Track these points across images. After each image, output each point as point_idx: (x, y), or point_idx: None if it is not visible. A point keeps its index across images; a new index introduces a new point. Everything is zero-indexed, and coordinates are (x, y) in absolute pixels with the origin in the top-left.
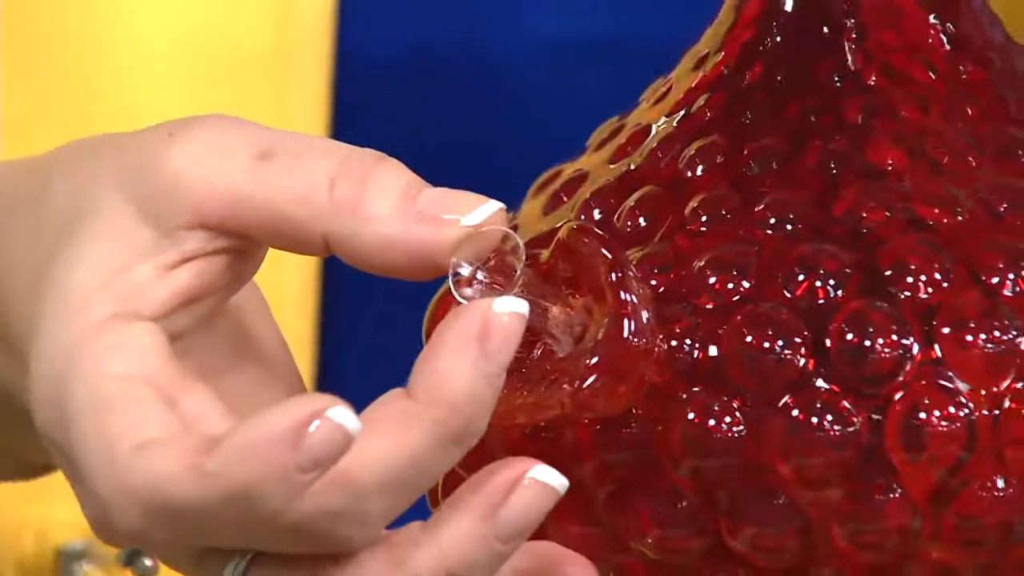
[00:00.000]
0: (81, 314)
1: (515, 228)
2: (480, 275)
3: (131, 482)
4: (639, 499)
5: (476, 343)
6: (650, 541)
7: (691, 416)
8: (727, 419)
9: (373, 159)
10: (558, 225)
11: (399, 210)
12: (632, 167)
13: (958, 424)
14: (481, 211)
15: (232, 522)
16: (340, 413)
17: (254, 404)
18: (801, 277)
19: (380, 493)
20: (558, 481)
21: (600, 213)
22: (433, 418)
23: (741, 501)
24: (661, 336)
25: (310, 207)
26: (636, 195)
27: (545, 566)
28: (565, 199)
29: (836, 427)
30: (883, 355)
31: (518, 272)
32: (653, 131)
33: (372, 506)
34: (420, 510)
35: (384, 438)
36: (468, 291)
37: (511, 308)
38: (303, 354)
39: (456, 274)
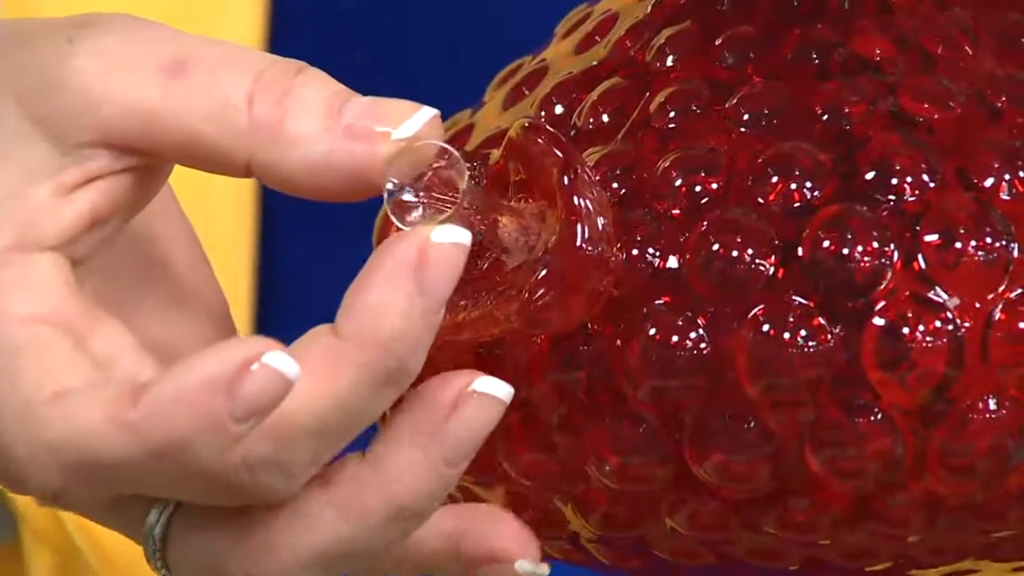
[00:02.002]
0: None
1: (471, 128)
2: (417, 194)
3: (49, 437)
4: (596, 423)
5: (412, 275)
6: (609, 469)
7: (652, 332)
8: (691, 335)
9: (292, 71)
10: (511, 124)
11: (324, 128)
12: (598, 59)
13: (944, 339)
14: (415, 120)
15: (158, 476)
16: (278, 358)
17: (170, 340)
18: (775, 179)
19: (306, 441)
20: (503, 391)
21: (562, 108)
22: (362, 360)
23: (706, 425)
24: (619, 244)
25: (227, 129)
26: (599, 88)
27: (473, 528)
28: (527, 93)
29: (810, 343)
30: (862, 264)
31: (461, 191)
32: (621, 18)
33: (297, 455)
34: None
35: (309, 382)
36: (406, 214)
37: (452, 238)
38: (240, 270)
39: (390, 193)
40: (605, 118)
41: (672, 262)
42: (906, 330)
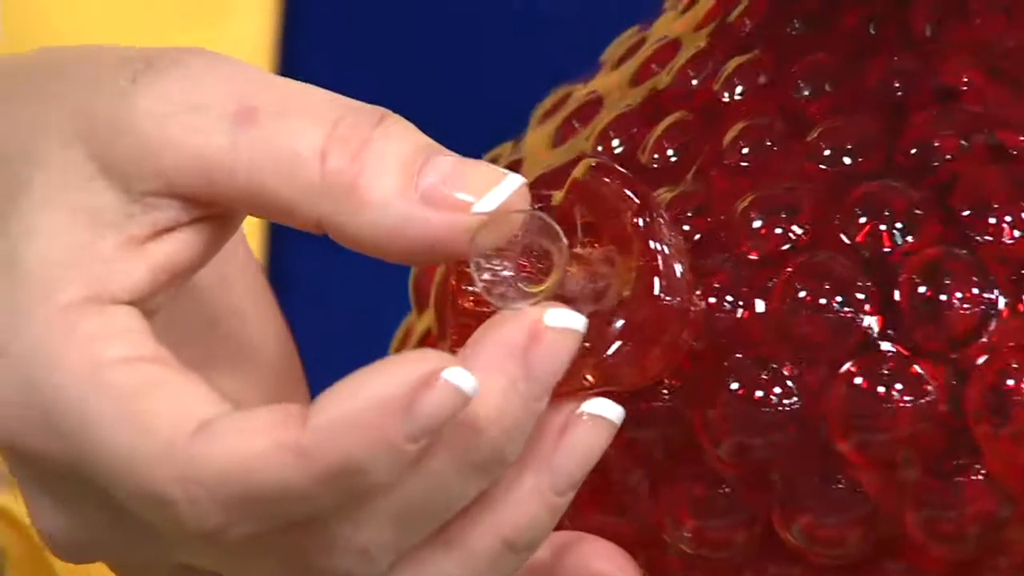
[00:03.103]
0: (44, 300)
1: (519, 164)
2: (505, 265)
3: (206, 473)
4: (673, 484)
5: (519, 359)
6: (687, 534)
7: (734, 387)
8: (776, 390)
9: (371, 122)
10: (575, 159)
11: (400, 191)
12: (658, 89)
13: None
14: (500, 190)
15: (326, 503)
16: (457, 374)
17: (234, 394)
18: (863, 220)
19: (386, 523)
20: (615, 412)
21: (621, 144)
22: (454, 442)
23: (794, 485)
24: (698, 292)
25: (298, 184)
26: (664, 123)
27: (563, 554)
28: (577, 126)
29: (907, 397)
30: (962, 311)
31: (557, 265)
32: (683, 46)
33: (376, 536)
34: None
35: None
36: (495, 288)
37: (566, 323)
38: None
39: (478, 267)
40: (671, 154)
41: (755, 310)
42: (1011, 381)
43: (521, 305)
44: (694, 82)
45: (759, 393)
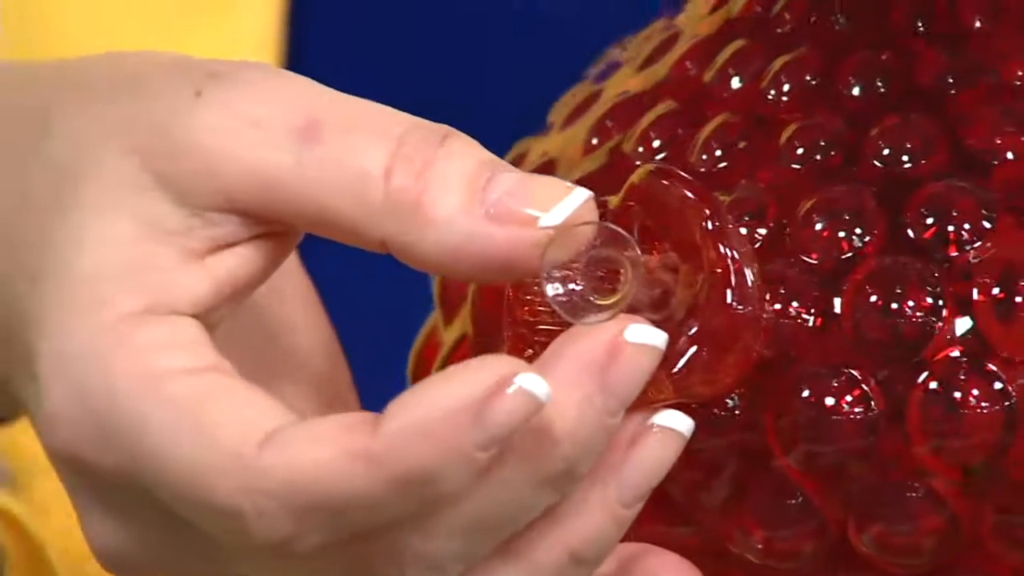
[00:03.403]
0: (100, 309)
1: (552, 164)
2: (576, 280)
3: (274, 484)
4: (743, 494)
5: (597, 374)
6: (757, 544)
7: (806, 394)
8: (848, 397)
9: (435, 141)
10: (615, 161)
11: (464, 208)
12: (699, 89)
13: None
14: (567, 203)
15: (397, 513)
16: (530, 380)
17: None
18: (930, 220)
19: (455, 532)
20: (685, 424)
21: (663, 146)
22: (526, 454)
23: (868, 493)
24: (769, 297)
25: (362, 203)
26: (711, 125)
27: (629, 567)
28: (611, 127)
29: (984, 402)
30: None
31: (628, 279)
32: (721, 44)
33: (445, 546)
34: None
35: None
36: (567, 300)
37: (647, 339)
38: None
39: (550, 282)
40: (719, 155)
41: (826, 317)
42: None
43: (594, 318)
44: (735, 81)
45: (830, 401)
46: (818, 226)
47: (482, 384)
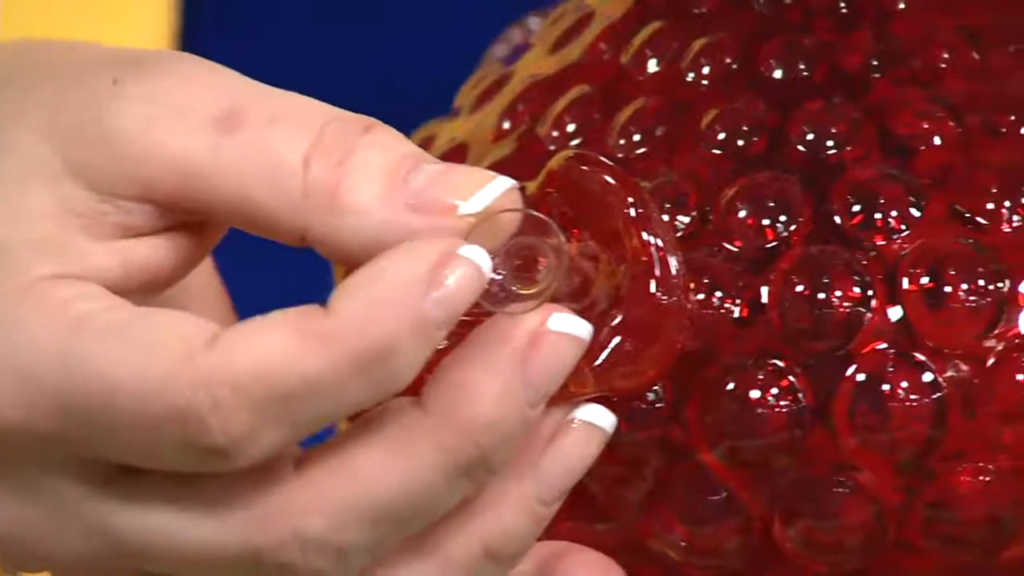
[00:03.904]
0: (15, 274)
1: (463, 149)
2: (498, 270)
3: (230, 371)
4: (664, 489)
5: (518, 363)
6: (679, 541)
7: (730, 387)
8: (774, 390)
9: (356, 131)
10: (527, 146)
11: (385, 198)
12: (615, 72)
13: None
14: (487, 191)
15: (357, 400)
16: (474, 251)
17: None
18: (857, 208)
19: (365, 522)
20: (608, 420)
21: (577, 129)
22: (443, 441)
23: (793, 488)
24: (693, 286)
25: (280, 194)
26: (628, 109)
27: (549, 567)
28: (523, 110)
29: (913, 395)
30: (968, 304)
31: (551, 269)
32: (635, 26)
33: (354, 537)
34: None
35: (381, 456)
36: (489, 293)
37: (571, 329)
38: None
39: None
40: (638, 140)
41: (750, 307)
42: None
43: (516, 308)
44: (653, 64)
45: (755, 394)
46: (742, 214)
47: (430, 256)
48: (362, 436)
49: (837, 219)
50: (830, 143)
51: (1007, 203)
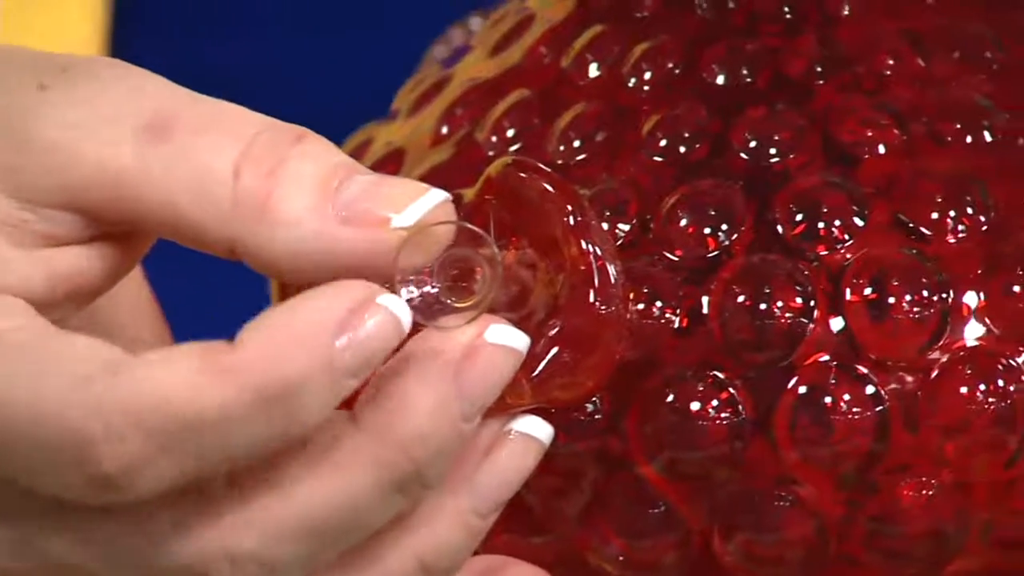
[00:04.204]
0: None
1: (400, 155)
2: (432, 283)
3: (126, 399)
4: (601, 502)
5: (451, 375)
6: (616, 555)
7: (670, 398)
8: (715, 402)
9: (288, 141)
10: (466, 152)
11: (315, 209)
12: (556, 76)
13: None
14: (420, 204)
15: (258, 439)
16: (393, 301)
17: None
18: (800, 217)
19: (297, 538)
20: (544, 432)
21: (516, 134)
22: (377, 456)
23: (733, 501)
24: (632, 296)
25: (209, 204)
26: (568, 114)
27: None
28: (462, 114)
29: (855, 408)
30: (912, 315)
31: (486, 281)
32: (576, 30)
33: (286, 553)
34: None
35: (314, 471)
36: (425, 307)
37: (507, 340)
38: None
39: (405, 285)
40: (577, 144)
41: (691, 318)
42: (966, 391)
43: (450, 321)
44: (594, 68)
45: (695, 406)
46: (683, 222)
47: (344, 300)
48: (295, 450)
49: (779, 228)
50: (773, 151)
51: (952, 213)
